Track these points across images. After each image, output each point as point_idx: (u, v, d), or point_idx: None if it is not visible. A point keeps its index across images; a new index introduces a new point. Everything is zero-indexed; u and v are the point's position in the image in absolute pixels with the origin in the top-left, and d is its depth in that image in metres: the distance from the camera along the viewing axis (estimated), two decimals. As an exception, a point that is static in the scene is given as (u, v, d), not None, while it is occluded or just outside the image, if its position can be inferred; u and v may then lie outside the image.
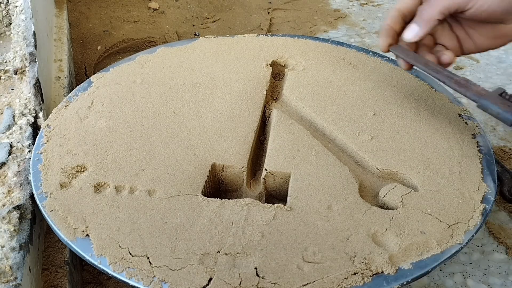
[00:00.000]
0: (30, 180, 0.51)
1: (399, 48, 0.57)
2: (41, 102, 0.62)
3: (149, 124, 0.58)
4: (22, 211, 0.48)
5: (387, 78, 0.66)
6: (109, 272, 0.42)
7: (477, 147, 0.55)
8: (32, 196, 0.50)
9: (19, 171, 0.53)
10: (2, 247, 0.44)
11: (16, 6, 0.76)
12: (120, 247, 0.44)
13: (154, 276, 0.41)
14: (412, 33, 0.55)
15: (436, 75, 0.53)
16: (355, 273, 0.42)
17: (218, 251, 0.43)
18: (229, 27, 1.11)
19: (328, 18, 1.16)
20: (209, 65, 0.69)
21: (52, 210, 0.47)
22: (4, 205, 0.49)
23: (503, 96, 0.49)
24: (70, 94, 0.63)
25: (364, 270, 0.42)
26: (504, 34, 0.55)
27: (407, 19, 0.58)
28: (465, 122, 0.59)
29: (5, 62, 0.69)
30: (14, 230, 0.46)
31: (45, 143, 0.55)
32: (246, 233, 0.45)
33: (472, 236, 0.46)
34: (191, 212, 0.47)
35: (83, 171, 0.52)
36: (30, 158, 0.54)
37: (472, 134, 0.57)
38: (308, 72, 0.67)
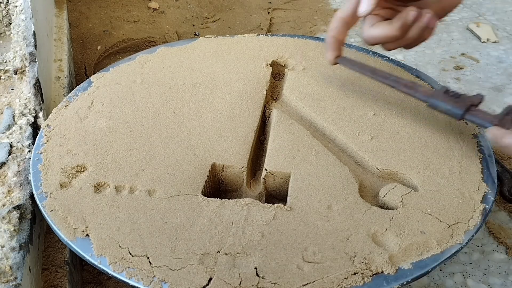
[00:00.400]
0: (30, 180, 0.51)
1: (345, 60, 0.60)
2: (41, 102, 0.62)
3: (149, 124, 0.58)
4: (22, 211, 0.48)
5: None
6: (109, 272, 0.42)
7: (477, 147, 0.55)
8: (32, 196, 0.50)
9: (19, 171, 0.53)
10: (2, 247, 0.44)
11: (16, 6, 0.76)
12: (120, 247, 0.44)
13: (154, 276, 0.41)
14: (363, 5, 0.54)
15: (384, 80, 0.56)
16: (355, 273, 0.42)
17: (218, 251, 0.43)
18: (229, 27, 1.11)
19: (328, 18, 1.16)
20: (209, 65, 0.69)
21: (52, 210, 0.47)
22: (4, 205, 0.49)
23: (448, 93, 0.52)
24: (70, 94, 0.63)
25: (364, 270, 0.42)
26: (450, 4, 0.58)
27: (350, 26, 0.59)
28: (465, 122, 0.59)
29: (5, 62, 0.69)
30: (14, 230, 0.46)
31: (45, 143, 0.55)
32: (246, 233, 0.45)
33: (472, 236, 0.46)
34: (191, 212, 0.47)
35: (83, 171, 0.52)
36: (30, 158, 0.54)
37: (472, 134, 0.57)
38: (308, 72, 0.67)
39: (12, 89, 0.66)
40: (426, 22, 0.54)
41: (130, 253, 0.43)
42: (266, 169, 0.52)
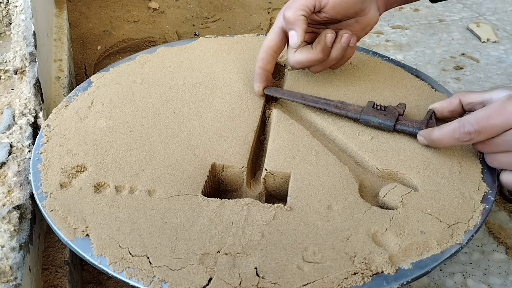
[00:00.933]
0: (30, 180, 0.51)
1: (272, 89, 0.62)
2: (41, 102, 0.62)
3: (149, 124, 0.58)
4: (22, 211, 0.48)
5: (387, 78, 0.66)
6: (109, 272, 0.42)
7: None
8: (32, 196, 0.50)
9: (19, 171, 0.53)
10: (2, 247, 0.44)
11: (16, 6, 0.76)
12: (120, 247, 0.44)
13: (154, 276, 0.41)
14: (293, 38, 0.57)
15: (315, 104, 0.59)
16: (355, 273, 0.42)
17: (218, 251, 0.43)
18: (229, 27, 1.11)
19: (328, 18, 1.15)
20: (209, 65, 0.69)
21: (52, 210, 0.47)
22: (4, 205, 0.49)
23: (375, 107, 0.57)
24: (70, 94, 0.63)
25: (364, 270, 0.42)
26: (368, 24, 0.61)
27: (278, 54, 0.62)
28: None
29: (5, 62, 0.69)
30: (14, 230, 0.46)
31: (45, 143, 0.55)
32: (246, 233, 0.45)
33: (472, 236, 0.46)
34: (191, 212, 0.47)
35: (83, 171, 0.52)
36: (30, 158, 0.54)
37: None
38: (308, 72, 0.67)
39: (12, 89, 0.66)
40: (345, 42, 0.58)
41: (130, 253, 0.43)
42: (266, 169, 0.52)
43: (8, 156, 0.55)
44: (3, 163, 0.54)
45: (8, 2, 0.77)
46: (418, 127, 0.54)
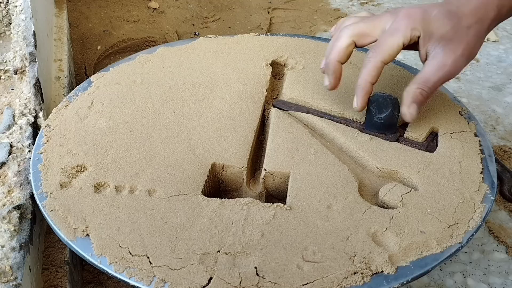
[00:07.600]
0: (30, 180, 0.51)
1: (280, 102, 0.62)
2: (41, 102, 0.62)
3: (149, 123, 0.58)
4: (22, 211, 0.49)
5: (387, 77, 0.66)
6: (110, 271, 0.42)
7: (478, 146, 0.55)
8: (32, 196, 0.50)
9: (19, 171, 0.53)
10: (2, 247, 0.44)
11: (16, 6, 0.76)
12: (120, 246, 0.44)
13: (154, 275, 0.41)
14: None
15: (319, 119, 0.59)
16: (355, 273, 0.42)
17: (218, 251, 0.43)
18: (229, 27, 1.11)
19: (328, 17, 1.16)
20: (209, 65, 0.69)
21: (52, 210, 0.47)
22: (4, 205, 0.49)
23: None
24: (70, 94, 0.63)
25: (364, 269, 0.42)
26: None
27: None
28: (467, 121, 0.59)
29: (5, 62, 0.69)
30: (14, 230, 0.46)
31: (45, 143, 0.55)
32: (246, 232, 0.45)
33: (472, 235, 0.46)
34: (191, 211, 0.47)
35: (83, 171, 0.52)
36: (30, 158, 0.54)
37: (473, 133, 0.57)
38: (308, 71, 0.67)
39: (12, 89, 0.66)
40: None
41: (130, 253, 0.43)
42: (265, 169, 0.52)
43: (8, 156, 0.55)
44: (3, 163, 0.54)
45: (8, 2, 0.77)
46: (418, 148, 0.55)
